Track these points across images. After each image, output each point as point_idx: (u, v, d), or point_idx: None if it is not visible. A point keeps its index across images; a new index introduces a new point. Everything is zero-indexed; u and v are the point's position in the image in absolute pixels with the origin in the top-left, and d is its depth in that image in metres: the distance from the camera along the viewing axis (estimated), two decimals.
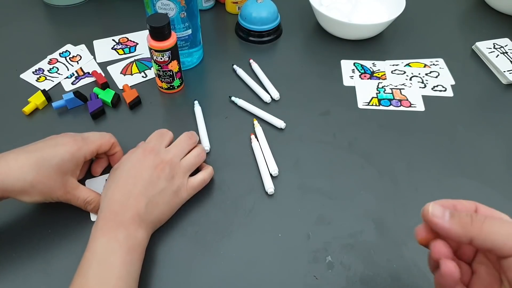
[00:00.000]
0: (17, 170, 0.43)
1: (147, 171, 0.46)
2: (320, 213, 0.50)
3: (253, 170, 0.55)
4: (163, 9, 0.60)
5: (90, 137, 0.49)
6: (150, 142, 0.50)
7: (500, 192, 0.53)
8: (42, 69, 0.69)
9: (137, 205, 0.44)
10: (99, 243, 0.41)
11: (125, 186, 0.45)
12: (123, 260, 0.40)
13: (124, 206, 0.44)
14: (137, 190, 0.45)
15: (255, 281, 0.45)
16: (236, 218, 0.50)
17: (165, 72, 0.61)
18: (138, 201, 0.44)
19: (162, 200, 0.46)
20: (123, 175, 0.46)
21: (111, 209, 0.43)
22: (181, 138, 0.52)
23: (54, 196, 0.45)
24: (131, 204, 0.44)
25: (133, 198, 0.44)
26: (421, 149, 0.57)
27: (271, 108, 0.63)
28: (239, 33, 0.75)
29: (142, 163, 0.47)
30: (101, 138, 0.50)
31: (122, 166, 0.47)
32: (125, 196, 0.44)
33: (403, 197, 0.52)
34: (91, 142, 0.48)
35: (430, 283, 0.44)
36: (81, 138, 0.48)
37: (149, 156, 0.47)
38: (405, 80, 0.67)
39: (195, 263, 0.46)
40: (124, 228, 0.42)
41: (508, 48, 0.72)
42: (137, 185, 0.45)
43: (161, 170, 0.47)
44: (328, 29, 0.75)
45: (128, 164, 0.47)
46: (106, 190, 0.46)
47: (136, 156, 0.48)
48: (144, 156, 0.47)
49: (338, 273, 0.45)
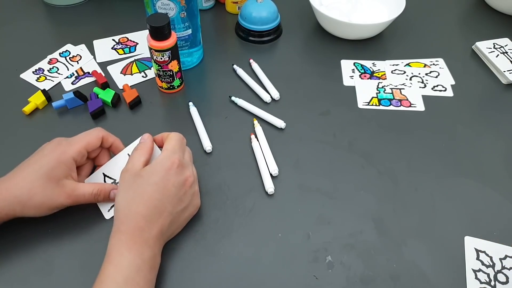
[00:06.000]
0: (14, 188, 0.44)
1: (175, 186, 0.44)
2: (320, 213, 0.50)
3: (253, 170, 0.55)
4: (163, 9, 0.60)
5: (75, 137, 0.48)
6: (175, 152, 0.46)
7: (500, 192, 0.53)
8: (42, 69, 0.69)
9: (163, 222, 0.43)
10: (125, 259, 0.40)
11: (152, 201, 0.43)
12: (147, 279, 0.41)
13: (150, 223, 0.42)
14: (164, 206, 0.43)
15: (255, 281, 0.45)
16: (236, 218, 0.50)
17: (165, 72, 0.61)
18: (164, 218, 0.43)
19: (183, 215, 0.46)
20: (149, 188, 0.43)
21: (137, 225, 0.42)
22: (183, 143, 0.49)
23: (58, 203, 0.45)
24: (157, 221, 0.43)
25: (160, 214, 0.43)
26: (421, 149, 0.57)
27: (271, 108, 0.63)
28: (239, 33, 0.75)
29: (170, 178, 0.44)
30: (87, 136, 0.49)
31: (147, 176, 0.44)
32: (152, 212, 0.43)
33: (403, 197, 0.52)
34: (75, 142, 0.48)
35: (430, 283, 0.45)
36: (66, 141, 0.48)
37: (177, 171, 0.45)
38: (405, 80, 0.67)
39: (195, 263, 0.46)
40: (149, 248, 0.42)
41: (508, 48, 0.72)
42: (164, 201, 0.43)
43: (188, 187, 0.46)
44: (328, 29, 0.75)
45: (155, 177, 0.44)
46: (128, 200, 0.43)
47: (164, 168, 0.44)
48: (173, 170, 0.44)
49: (338, 273, 0.45)
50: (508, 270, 0.45)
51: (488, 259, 0.46)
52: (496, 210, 0.51)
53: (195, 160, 0.55)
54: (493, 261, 0.46)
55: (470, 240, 0.48)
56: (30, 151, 0.47)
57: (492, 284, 0.44)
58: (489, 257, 0.46)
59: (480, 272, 0.45)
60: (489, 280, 0.44)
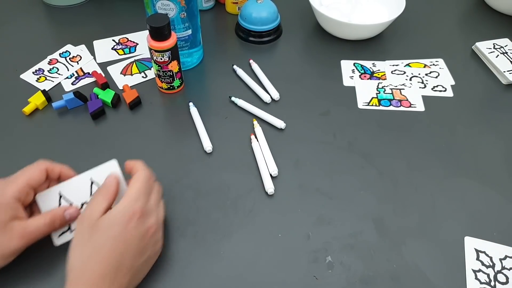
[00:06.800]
0: None
1: (136, 239, 0.40)
2: (320, 213, 0.50)
3: (253, 170, 0.55)
4: (163, 9, 0.60)
5: (15, 175, 0.44)
6: (137, 199, 0.41)
7: (500, 192, 0.53)
8: (42, 69, 0.69)
9: (122, 280, 0.40)
10: None
11: (110, 258, 0.39)
12: None
13: (108, 282, 0.38)
14: (124, 262, 0.40)
15: (255, 281, 0.45)
16: (236, 218, 0.50)
17: (165, 72, 0.61)
18: (123, 275, 0.40)
19: (144, 268, 0.43)
20: (108, 243, 0.39)
21: (94, 283, 0.38)
22: (149, 184, 0.44)
23: (11, 249, 0.41)
24: (116, 279, 0.39)
25: (118, 272, 0.39)
26: (421, 149, 0.57)
27: (271, 108, 0.63)
28: (239, 33, 0.75)
29: (131, 230, 0.40)
30: (27, 171, 0.44)
31: (106, 229, 0.40)
32: (110, 270, 0.39)
33: (403, 197, 0.52)
34: (14, 180, 0.43)
35: (430, 283, 0.45)
36: (3, 181, 0.43)
37: (138, 222, 0.41)
38: (405, 80, 0.67)
39: (195, 263, 0.46)
40: None
41: (508, 48, 0.72)
42: (125, 257, 0.40)
43: (150, 236, 0.42)
44: (328, 29, 0.75)
45: (114, 230, 0.39)
46: (83, 257, 0.39)
47: (125, 219, 0.40)
48: (134, 222, 0.40)
49: (338, 273, 0.45)
50: (508, 271, 0.45)
51: (488, 259, 0.46)
52: (496, 210, 0.51)
53: (195, 161, 0.56)
54: (493, 261, 0.46)
55: (470, 240, 0.48)
56: (30, 151, 0.47)
57: (492, 285, 0.44)
58: (489, 257, 0.46)
59: (480, 272, 0.45)
60: (489, 281, 0.44)
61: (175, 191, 0.52)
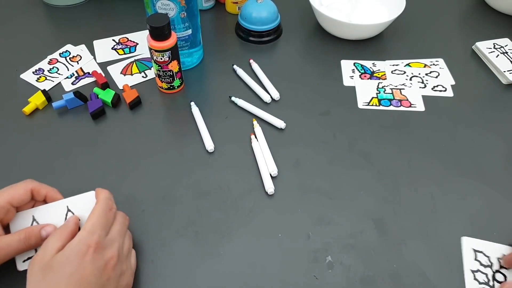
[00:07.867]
0: None
1: (95, 275, 0.37)
2: (320, 213, 0.50)
3: (253, 170, 0.55)
4: (163, 9, 0.60)
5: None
6: (93, 232, 0.38)
7: (500, 192, 0.53)
8: (42, 69, 0.69)
9: None
10: None
11: None
12: None
13: None
14: None
15: (255, 281, 0.45)
16: (236, 218, 0.50)
17: (165, 72, 0.61)
18: None
19: None
20: (63, 283, 0.35)
21: None
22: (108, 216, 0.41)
23: None
24: None
25: None
26: (421, 149, 0.57)
27: (271, 108, 0.63)
28: (239, 33, 0.75)
29: (87, 266, 0.37)
30: (11, 189, 0.42)
31: (59, 267, 0.36)
32: None
33: (403, 197, 0.52)
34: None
35: (430, 283, 0.45)
36: None
37: (95, 255, 0.37)
38: (405, 80, 0.67)
39: (195, 263, 0.46)
40: None
41: (508, 48, 0.72)
42: None
43: (112, 269, 0.38)
44: (328, 29, 0.75)
45: (69, 267, 0.36)
46: None
47: (79, 254, 0.37)
48: (89, 256, 0.37)
49: (338, 273, 0.45)
50: (506, 269, 0.45)
51: (486, 259, 0.46)
52: (496, 210, 0.51)
53: (195, 161, 0.56)
54: (490, 260, 0.46)
55: (467, 240, 0.48)
56: (30, 151, 0.47)
57: (491, 284, 0.44)
58: (486, 257, 0.46)
59: (479, 272, 0.45)
60: (487, 280, 0.44)
61: (175, 191, 0.52)
